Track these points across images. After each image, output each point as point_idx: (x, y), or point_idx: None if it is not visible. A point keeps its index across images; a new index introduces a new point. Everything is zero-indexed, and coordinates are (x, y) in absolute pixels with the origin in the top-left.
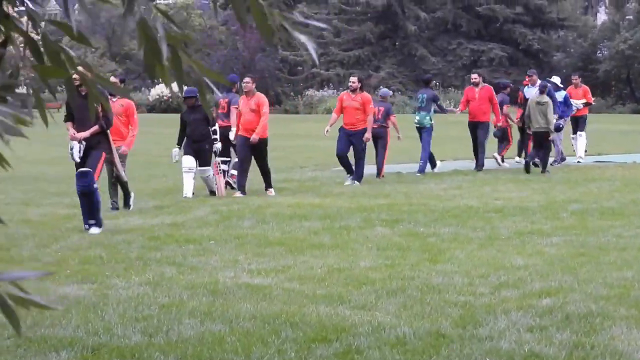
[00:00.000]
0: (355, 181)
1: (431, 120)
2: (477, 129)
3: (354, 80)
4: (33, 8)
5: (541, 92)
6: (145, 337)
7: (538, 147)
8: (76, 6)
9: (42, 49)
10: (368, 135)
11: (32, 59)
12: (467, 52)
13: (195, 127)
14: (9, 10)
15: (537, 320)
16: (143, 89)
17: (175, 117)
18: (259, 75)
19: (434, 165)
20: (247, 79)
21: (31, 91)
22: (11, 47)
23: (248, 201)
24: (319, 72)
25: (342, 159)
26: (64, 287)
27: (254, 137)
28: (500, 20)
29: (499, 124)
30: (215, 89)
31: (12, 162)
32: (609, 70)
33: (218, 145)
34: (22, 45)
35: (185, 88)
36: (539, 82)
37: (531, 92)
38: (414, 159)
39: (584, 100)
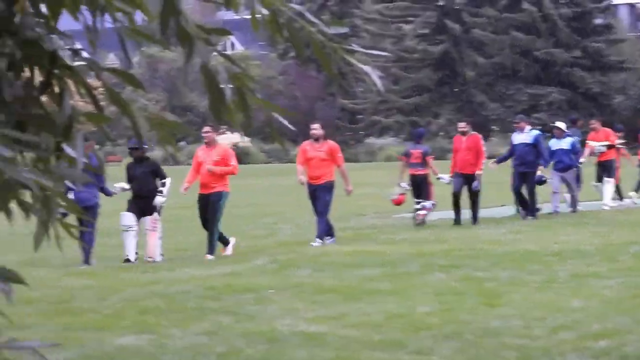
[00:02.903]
0: (317, 240)
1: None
2: (468, 181)
3: (316, 127)
4: (92, 58)
5: None
6: None
7: None
8: (136, 59)
9: (96, 97)
10: (350, 187)
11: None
12: (525, 96)
13: (142, 181)
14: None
15: None
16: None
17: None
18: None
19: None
20: (206, 128)
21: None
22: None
23: (307, 250)
24: (378, 120)
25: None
26: (121, 338)
27: (211, 168)
28: (558, 64)
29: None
30: (286, 123)
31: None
32: None
33: (161, 200)
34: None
35: (132, 140)
36: (527, 127)
37: (520, 138)
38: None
39: (606, 143)
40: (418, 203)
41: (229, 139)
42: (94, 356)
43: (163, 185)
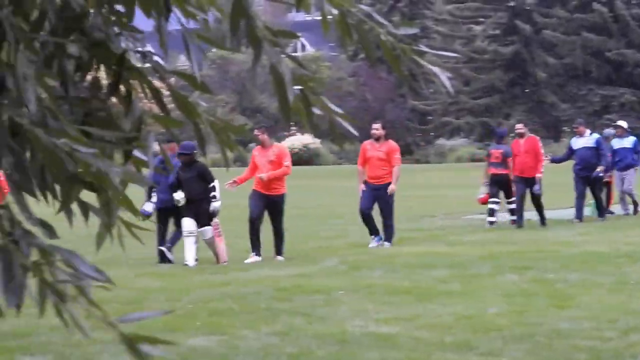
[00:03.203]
0: (386, 242)
1: None
2: (528, 185)
3: (377, 127)
4: (159, 61)
5: None
6: None
7: None
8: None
9: (163, 100)
10: (393, 186)
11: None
12: (597, 97)
13: (190, 186)
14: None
15: None
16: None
17: (306, 169)
18: (389, 125)
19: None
20: (257, 131)
21: (154, 143)
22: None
23: (377, 251)
24: (449, 121)
25: (365, 217)
26: (193, 339)
27: (262, 176)
28: (630, 65)
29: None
30: (352, 129)
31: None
32: None
33: (217, 205)
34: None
35: (182, 143)
36: (587, 132)
37: (580, 142)
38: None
39: None
40: (493, 203)
41: (299, 140)
42: (164, 358)
43: (213, 189)
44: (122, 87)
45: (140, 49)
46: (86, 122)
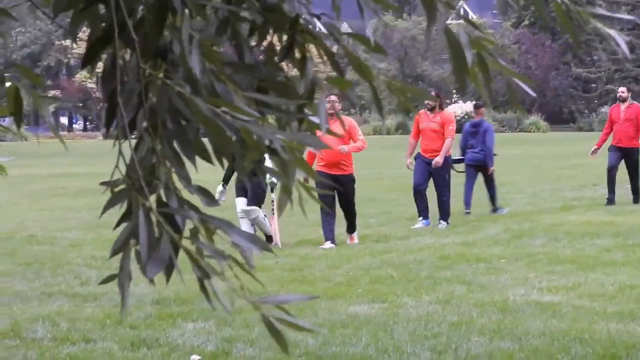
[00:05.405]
0: (442, 222)
1: None
2: (625, 155)
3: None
4: (332, 23)
5: None
6: (434, 355)
7: None
8: (373, 25)
9: (337, 62)
10: (439, 159)
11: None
12: None
13: None
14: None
15: None
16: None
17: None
18: (553, 93)
19: None
20: (332, 97)
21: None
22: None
23: (540, 219)
24: (612, 89)
25: (418, 195)
26: (354, 306)
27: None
28: None
29: None
30: (530, 90)
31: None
32: None
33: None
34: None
35: None
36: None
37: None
38: None
39: None
40: None
41: (461, 107)
42: (325, 324)
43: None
44: (296, 51)
45: (311, 12)
46: (261, 88)
